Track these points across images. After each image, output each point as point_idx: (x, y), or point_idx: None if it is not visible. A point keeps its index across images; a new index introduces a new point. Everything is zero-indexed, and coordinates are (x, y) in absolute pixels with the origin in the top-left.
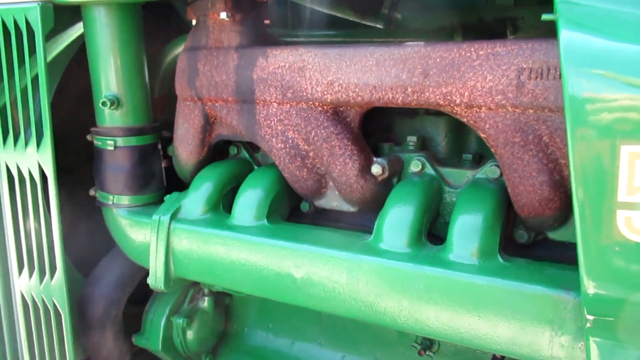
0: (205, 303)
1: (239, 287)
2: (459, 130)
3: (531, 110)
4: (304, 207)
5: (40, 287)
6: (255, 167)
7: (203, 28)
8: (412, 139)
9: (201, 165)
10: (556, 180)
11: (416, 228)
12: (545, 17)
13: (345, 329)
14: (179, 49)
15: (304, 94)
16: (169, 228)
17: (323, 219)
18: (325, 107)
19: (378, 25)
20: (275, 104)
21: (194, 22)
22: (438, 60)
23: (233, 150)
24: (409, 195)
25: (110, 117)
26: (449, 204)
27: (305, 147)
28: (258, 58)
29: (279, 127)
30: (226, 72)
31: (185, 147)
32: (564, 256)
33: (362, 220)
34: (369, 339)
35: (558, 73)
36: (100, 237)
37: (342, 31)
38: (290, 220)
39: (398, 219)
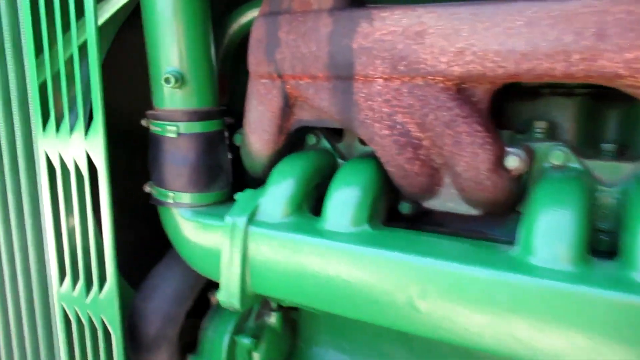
0: (274, 319)
1: (337, 309)
2: (593, 114)
3: None
4: (404, 208)
5: (87, 300)
6: (339, 160)
7: None
8: (540, 125)
9: (277, 156)
10: None
11: (581, 240)
12: None
13: (441, 356)
14: (248, 16)
15: (422, 66)
16: (245, 233)
17: (429, 223)
18: (449, 83)
19: None
20: (380, 80)
21: None
22: (622, 16)
23: (311, 140)
24: (567, 197)
25: (171, 98)
26: (604, 207)
27: (420, 134)
28: (360, 22)
29: (385, 109)
30: (316, 41)
31: (260, 135)
32: None
33: (479, 226)
34: None
35: None
36: (151, 240)
37: None
38: (389, 224)
39: (555, 227)
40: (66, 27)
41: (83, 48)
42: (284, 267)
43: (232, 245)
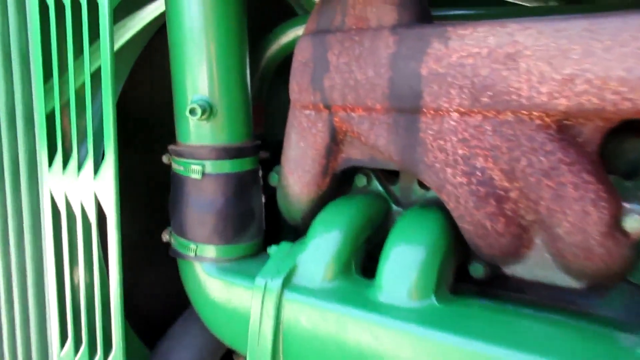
0: None
1: None
2: None
3: None
4: (477, 270)
5: None
6: (394, 207)
7: (337, 1)
8: None
9: (321, 202)
10: None
11: None
12: None
13: None
14: (290, 36)
15: (514, 97)
16: (280, 299)
17: (506, 287)
18: (549, 119)
19: (548, 3)
20: (456, 115)
21: None
22: None
23: (361, 181)
24: None
25: (197, 131)
26: None
27: (506, 184)
28: (431, 42)
29: (461, 151)
30: (375, 66)
31: (300, 176)
32: None
33: (572, 295)
34: None
35: None
36: (172, 291)
37: (489, 9)
38: (456, 289)
39: None
40: (79, 51)
41: (97, 75)
42: (325, 345)
43: (263, 313)
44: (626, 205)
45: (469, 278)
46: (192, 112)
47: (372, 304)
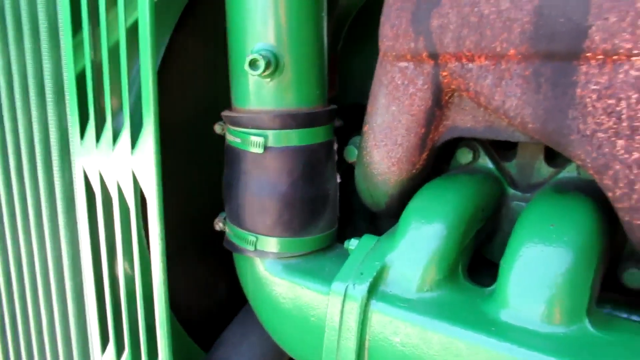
0: None
1: None
2: None
3: None
4: (633, 279)
5: None
6: (509, 190)
7: None
8: None
9: (413, 183)
10: None
11: None
12: None
13: None
14: None
15: None
16: (365, 310)
17: None
18: None
19: None
20: (626, 69)
21: None
22: None
23: (465, 157)
24: None
25: (259, 93)
26: None
27: None
28: None
29: (631, 117)
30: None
31: (390, 150)
32: None
33: None
34: None
35: None
36: (230, 284)
37: None
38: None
39: None
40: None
41: (133, 30)
42: None
43: (343, 326)
44: None
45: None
46: (253, 64)
47: (493, 323)
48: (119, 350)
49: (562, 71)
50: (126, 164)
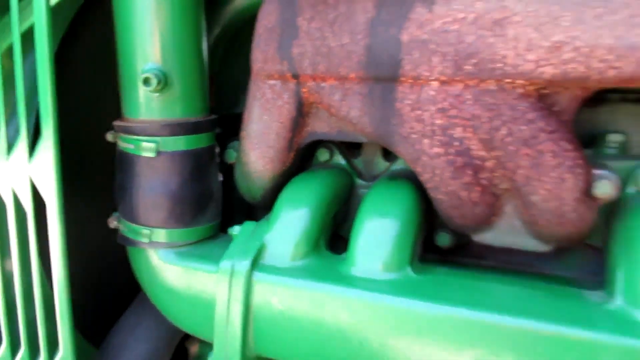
0: None
1: None
2: None
3: None
4: (443, 240)
5: None
6: (357, 180)
7: None
8: (614, 138)
9: (283, 179)
10: None
11: None
12: None
13: None
14: (239, 6)
15: (499, 65)
16: (249, 281)
17: (467, 255)
18: (531, 87)
19: None
20: (436, 84)
21: None
22: None
23: (323, 156)
24: None
25: (149, 105)
26: None
27: (483, 153)
28: (414, 6)
29: (439, 122)
30: (351, 32)
31: (263, 152)
32: None
33: (527, 258)
34: None
35: None
36: (115, 283)
37: None
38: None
39: None
40: (4, 7)
41: (28, 36)
42: (300, 325)
43: (230, 297)
44: (596, 172)
45: (432, 247)
46: (147, 82)
47: (347, 278)
48: (14, 348)
49: (387, 90)
50: (23, 172)
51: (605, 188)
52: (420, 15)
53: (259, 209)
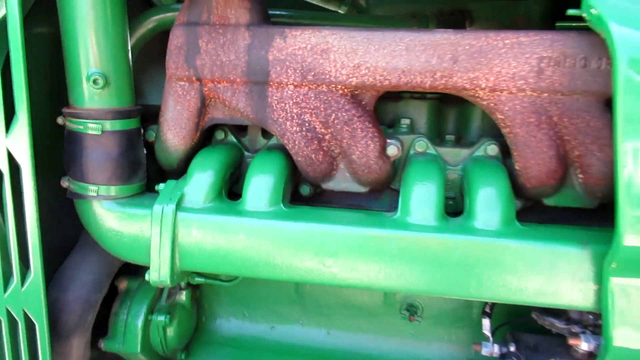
0: (184, 297)
1: (262, 274)
2: (439, 113)
3: (546, 94)
4: (304, 190)
5: (4, 295)
6: (245, 152)
7: (204, 2)
8: (405, 122)
9: (192, 151)
10: (561, 155)
11: (441, 204)
12: (573, 11)
13: (328, 307)
14: (153, 22)
15: (327, 76)
16: (174, 218)
17: (323, 202)
18: (347, 90)
19: (340, 11)
20: (291, 87)
21: None
22: (467, 47)
23: (220, 135)
24: (430, 175)
25: (93, 98)
26: (451, 181)
27: (323, 130)
28: (275, 38)
29: (295, 110)
30: (235, 52)
31: (177, 132)
32: (554, 220)
33: (362, 201)
34: (353, 313)
35: (578, 62)
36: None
37: (303, 12)
38: (293, 203)
39: (424, 196)
40: None
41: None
42: (212, 246)
43: (162, 231)
44: (389, 140)
45: (300, 198)
46: (95, 82)
47: (242, 212)
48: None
49: (261, 90)
50: (2, 144)
51: (392, 150)
52: (278, 43)
53: (173, 175)
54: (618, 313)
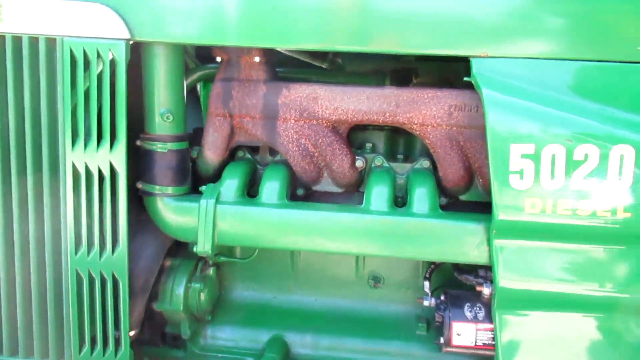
0: (211, 272)
1: (273, 245)
2: (391, 139)
3: (455, 128)
4: (299, 191)
5: (100, 260)
6: (258, 166)
7: (235, 65)
8: (368, 145)
9: (223, 164)
10: (467, 166)
11: (391, 198)
12: (466, 78)
13: (316, 279)
14: (197, 75)
15: (316, 114)
16: (215, 208)
17: (313, 200)
18: (329, 123)
19: (323, 66)
20: (292, 121)
21: (218, 59)
22: (405, 97)
23: (240, 153)
24: (384, 181)
25: (163, 127)
26: (399, 186)
27: (313, 149)
28: (282, 89)
29: (295, 136)
30: (256, 98)
31: (213, 150)
32: (467, 210)
33: (341, 200)
34: (333, 283)
35: (472, 108)
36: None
37: (295, 69)
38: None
39: (380, 194)
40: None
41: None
42: (239, 226)
43: (206, 217)
44: (357, 157)
45: (297, 197)
46: (167, 117)
47: (260, 204)
48: (89, 248)
49: (273, 123)
50: (106, 158)
51: (359, 163)
52: (285, 93)
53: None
54: (499, 262)
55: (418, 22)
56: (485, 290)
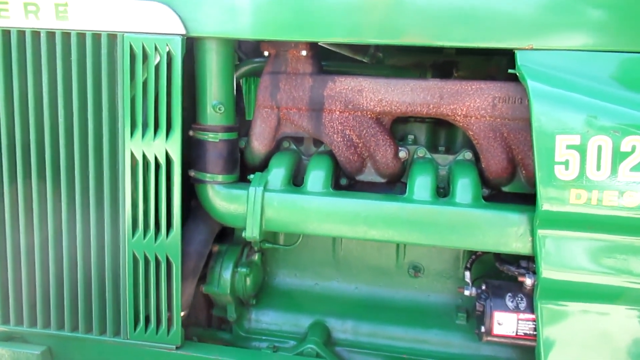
0: (256, 258)
1: (317, 231)
2: (434, 131)
3: (499, 120)
4: (343, 181)
5: (155, 244)
6: (302, 156)
7: (282, 59)
8: (410, 136)
9: (269, 154)
10: (510, 157)
11: (434, 188)
12: (511, 71)
13: (357, 268)
14: (245, 69)
15: (361, 106)
16: (263, 196)
17: (356, 189)
18: (373, 115)
19: (365, 60)
20: (337, 112)
21: (265, 53)
22: (449, 89)
23: (286, 144)
24: (427, 171)
25: (214, 118)
26: (441, 177)
27: (357, 140)
28: (328, 82)
29: (339, 127)
30: (302, 90)
31: (261, 141)
32: (509, 201)
33: (383, 189)
34: (373, 272)
35: (516, 100)
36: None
37: (338, 63)
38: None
39: (424, 184)
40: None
41: (169, 94)
42: (286, 213)
43: (255, 204)
44: (400, 148)
45: (341, 186)
46: (219, 109)
47: (305, 192)
48: (145, 231)
49: (319, 114)
50: (162, 146)
51: (403, 154)
52: (330, 85)
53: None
54: (543, 253)
55: (463, 15)
56: (528, 281)
